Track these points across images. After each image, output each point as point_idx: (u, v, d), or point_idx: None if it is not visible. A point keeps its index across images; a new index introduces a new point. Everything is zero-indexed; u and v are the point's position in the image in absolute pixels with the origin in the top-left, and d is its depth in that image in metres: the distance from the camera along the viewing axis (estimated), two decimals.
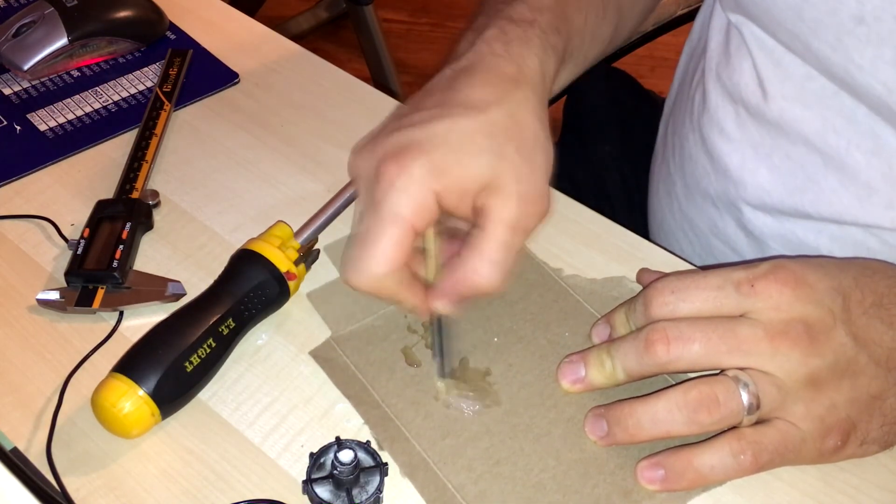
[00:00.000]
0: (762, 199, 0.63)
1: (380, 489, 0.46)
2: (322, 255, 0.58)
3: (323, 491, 0.46)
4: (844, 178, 0.58)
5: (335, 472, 0.46)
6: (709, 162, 0.67)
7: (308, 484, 0.46)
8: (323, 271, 0.58)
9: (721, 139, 0.66)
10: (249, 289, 0.53)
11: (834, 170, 0.58)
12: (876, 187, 0.57)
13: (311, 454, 0.47)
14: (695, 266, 0.59)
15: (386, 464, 0.47)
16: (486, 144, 0.48)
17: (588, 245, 0.60)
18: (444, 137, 0.48)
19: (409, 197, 0.47)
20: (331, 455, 0.47)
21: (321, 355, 0.54)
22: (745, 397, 0.44)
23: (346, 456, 0.46)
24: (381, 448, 0.49)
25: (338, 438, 0.48)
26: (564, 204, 0.63)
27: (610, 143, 0.91)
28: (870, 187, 0.57)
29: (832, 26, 0.53)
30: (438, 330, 0.52)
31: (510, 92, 0.50)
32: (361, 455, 0.47)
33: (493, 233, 0.48)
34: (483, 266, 0.48)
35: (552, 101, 0.97)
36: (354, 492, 0.46)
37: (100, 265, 0.56)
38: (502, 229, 0.48)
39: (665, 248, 0.61)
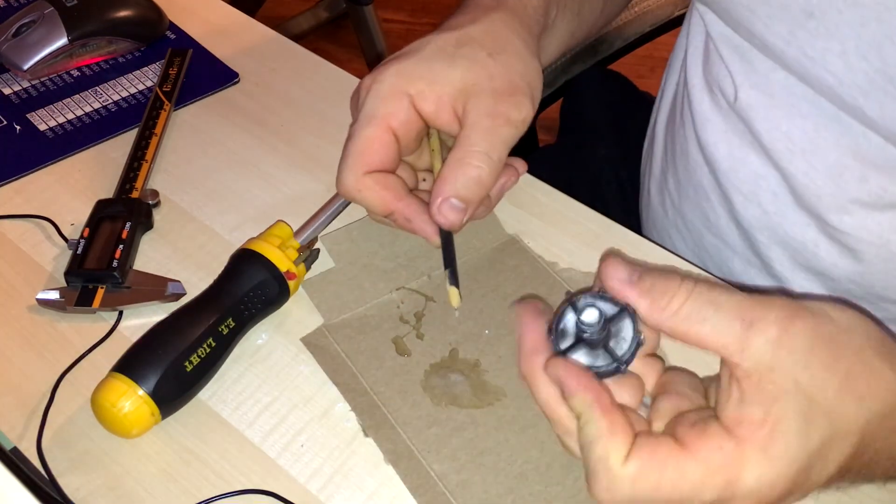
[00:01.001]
0: (753, 187, 0.64)
1: (637, 332, 0.40)
2: (322, 254, 0.58)
3: (580, 357, 0.41)
4: (815, 160, 0.59)
5: (584, 335, 0.41)
6: (700, 154, 0.68)
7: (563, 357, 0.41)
8: (322, 271, 0.58)
9: (706, 131, 0.66)
10: (249, 288, 0.53)
11: (801, 153, 0.59)
12: (847, 164, 0.57)
13: (549, 328, 0.41)
14: (693, 265, 0.59)
15: (630, 307, 0.40)
16: (457, 52, 0.53)
17: (588, 245, 0.60)
18: (417, 50, 0.54)
19: (381, 99, 0.52)
20: (569, 319, 0.41)
21: (312, 342, 0.54)
22: None
23: (590, 316, 0.40)
24: (366, 435, 0.50)
25: (569, 294, 0.42)
26: (564, 204, 0.63)
27: (606, 146, 0.91)
28: (841, 165, 0.58)
29: (785, 21, 0.54)
30: (445, 241, 0.53)
31: (486, 14, 0.55)
32: (603, 306, 0.41)
33: (473, 125, 0.51)
34: (471, 157, 0.51)
35: (550, 100, 0.99)
36: (612, 345, 0.41)
37: (100, 265, 0.56)
38: (481, 119, 0.51)
39: (665, 248, 0.61)
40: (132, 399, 0.48)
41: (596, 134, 0.93)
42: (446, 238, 0.53)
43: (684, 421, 0.39)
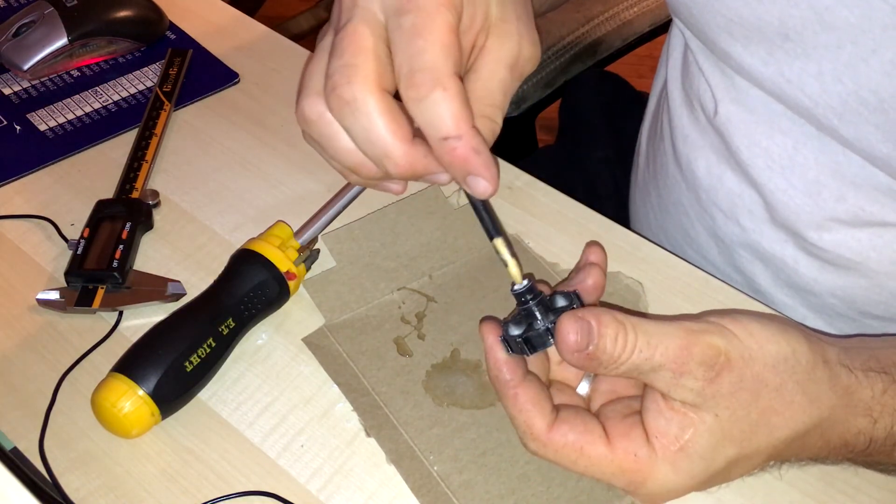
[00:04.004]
0: (730, 205, 0.64)
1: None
2: (323, 252, 0.58)
3: (512, 326, 0.44)
4: (793, 177, 0.59)
5: (520, 304, 0.44)
6: (678, 171, 0.68)
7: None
8: (324, 270, 0.58)
9: (685, 146, 0.66)
10: (249, 289, 0.53)
11: (780, 170, 0.59)
12: (825, 183, 0.57)
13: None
14: (692, 265, 0.59)
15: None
16: None
17: None
18: None
19: None
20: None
21: (314, 342, 0.54)
22: None
23: (521, 285, 0.44)
24: (368, 435, 0.50)
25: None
26: (564, 204, 0.63)
27: (602, 147, 0.91)
28: (819, 183, 0.58)
29: (763, 43, 0.54)
30: (481, 206, 0.44)
31: None
32: (559, 299, 0.45)
33: (492, 74, 0.44)
34: (492, 112, 0.44)
35: (549, 101, 0.98)
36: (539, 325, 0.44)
37: (100, 265, 0.56)
38: (503, 68, 0.44)
39: (665, 249, 0.61)
40: (132, 399, 0.48)
41: (592, 135, 0.93)
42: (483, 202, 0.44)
43: (616, 412, 0.45)
